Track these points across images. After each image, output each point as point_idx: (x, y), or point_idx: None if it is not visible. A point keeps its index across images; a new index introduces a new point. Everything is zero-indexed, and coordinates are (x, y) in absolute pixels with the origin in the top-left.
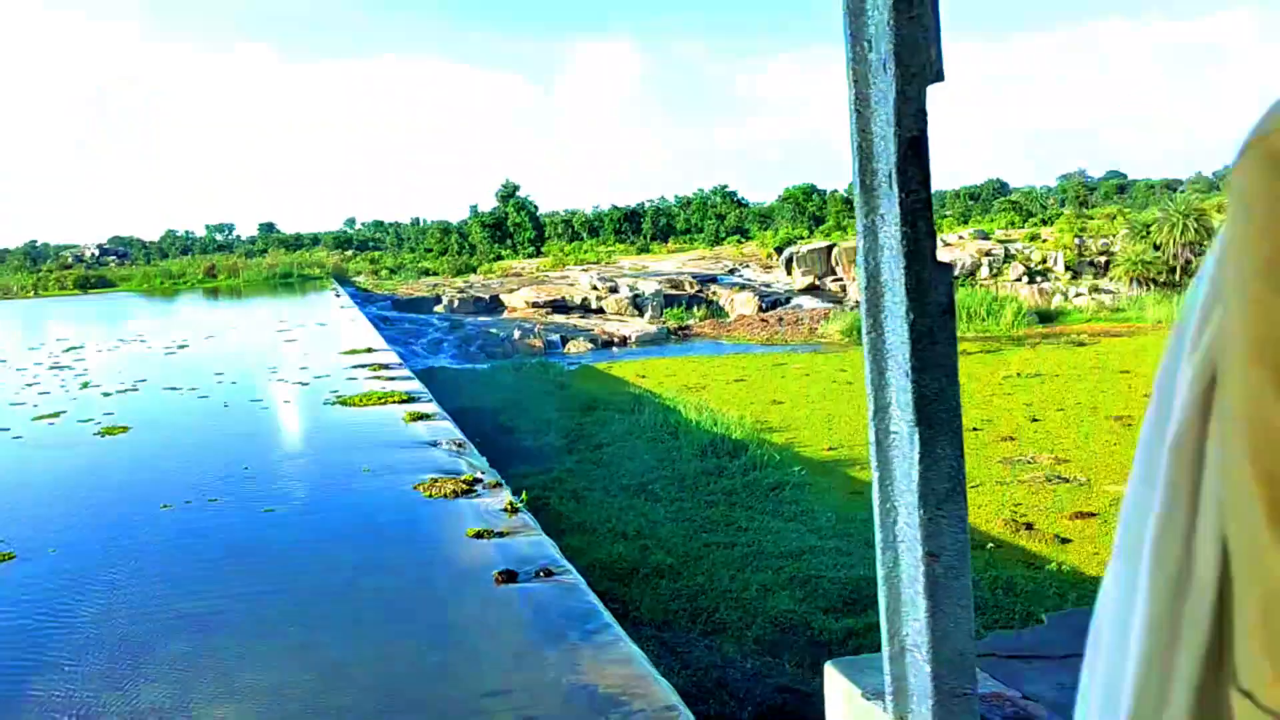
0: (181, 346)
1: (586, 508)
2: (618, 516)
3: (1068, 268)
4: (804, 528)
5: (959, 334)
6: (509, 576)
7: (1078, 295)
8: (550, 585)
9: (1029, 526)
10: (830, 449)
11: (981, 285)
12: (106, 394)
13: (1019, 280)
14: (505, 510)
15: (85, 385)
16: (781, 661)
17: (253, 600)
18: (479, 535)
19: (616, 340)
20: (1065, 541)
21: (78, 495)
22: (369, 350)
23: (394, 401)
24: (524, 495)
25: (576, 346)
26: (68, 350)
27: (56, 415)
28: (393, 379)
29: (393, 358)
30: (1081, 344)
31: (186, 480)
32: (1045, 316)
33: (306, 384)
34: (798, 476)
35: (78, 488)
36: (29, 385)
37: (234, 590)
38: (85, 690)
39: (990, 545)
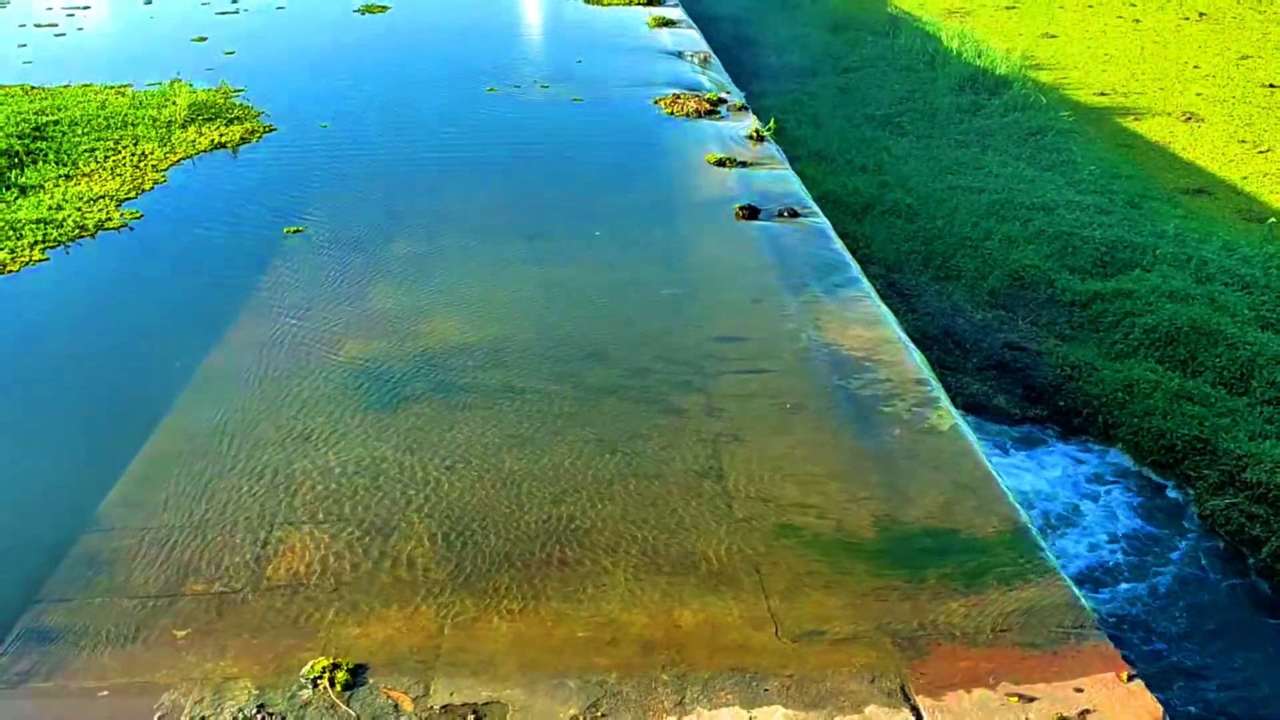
0: None
1: (826, 135)
2: (858, 148)
3: None
4: (1062, 179)
5: None
6: (750, 213)
7: None
8: (794, 228)
9: None
10: (1102, 94)
11: None
12: None
13: None
14: (749, 138)
15: None
16: (1015, 317)
17: (483, 206)
18: (720, 163)
19: None
20: None
21: (360, 72)
22: None
23: (638, 3)
24: (772, 123)
25: None
26: None
27: None
28: None
29: None
30: None
31: (459, 67)
32: None
33: None
34: (1064, 122)
35: (355, 64)
36: None
37: (463, 191)
38: (309, 289)
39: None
